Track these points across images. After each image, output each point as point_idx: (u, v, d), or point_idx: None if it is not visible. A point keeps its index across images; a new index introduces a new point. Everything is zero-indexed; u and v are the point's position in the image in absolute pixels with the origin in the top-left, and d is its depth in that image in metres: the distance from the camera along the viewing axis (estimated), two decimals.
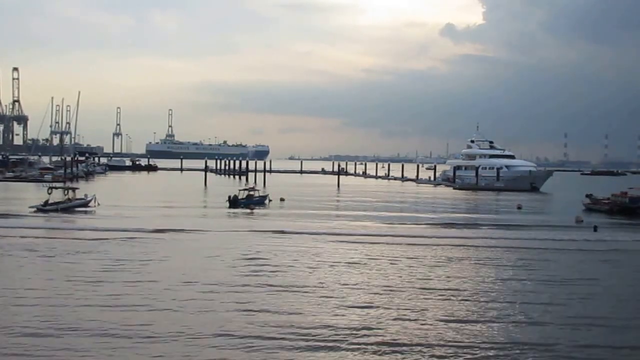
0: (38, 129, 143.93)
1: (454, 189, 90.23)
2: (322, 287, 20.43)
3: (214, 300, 18.25)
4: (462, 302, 18.85)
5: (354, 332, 15.40)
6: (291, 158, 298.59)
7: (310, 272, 22.90)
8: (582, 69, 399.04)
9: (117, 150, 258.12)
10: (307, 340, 14.65)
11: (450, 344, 14.74)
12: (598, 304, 19.36)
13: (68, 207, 43.79)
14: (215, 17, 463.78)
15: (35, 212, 41.57)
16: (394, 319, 16.66)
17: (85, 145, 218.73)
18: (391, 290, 20.08)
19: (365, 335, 15.19)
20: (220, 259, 25.38)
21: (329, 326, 15.77)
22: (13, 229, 32.97)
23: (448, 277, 22.73)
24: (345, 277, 22.11)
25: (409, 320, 16.63)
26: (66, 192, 47.15)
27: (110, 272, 22.21)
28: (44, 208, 42.46)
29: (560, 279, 23.10)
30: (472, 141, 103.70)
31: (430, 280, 21.97)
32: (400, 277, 22.50)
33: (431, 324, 16.30)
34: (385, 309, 17.66)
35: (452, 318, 16.95)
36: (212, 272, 22.76)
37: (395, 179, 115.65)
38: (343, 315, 16.93)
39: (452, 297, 19.38)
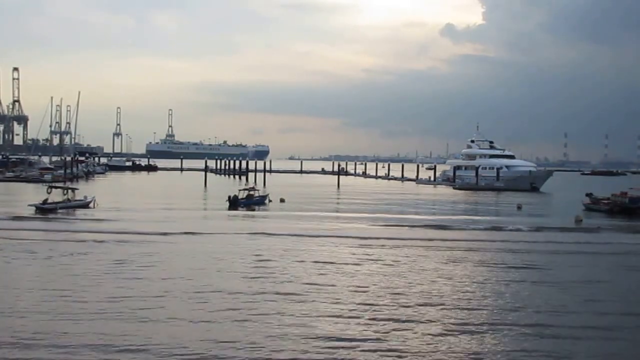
0: (38, 129, 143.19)
1: (454, 189, 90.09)
2: (323, 291, 19.94)
3: (210, 308, 17.73)
4: (468, 307, 18.33)
5: (356, 340, 14.94)
6: (291, 158, 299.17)
7: (310, 276, 22.40)
8: (582, 69, 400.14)
9: (117, 150, 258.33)
10: (306, 352, 14.22)
11: (459, 354, 14.25)
12: (611, 310, 18.77)
13: (67, 207, 43.67)
14: (215, 17, 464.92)
15: (35, 211, 41.29)
16: (399, 327, 16.16)
17: (85, 145, 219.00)
18: (395, 295, 19.60)
19: (368, 343, 14.73)
20: (218, 262, 24.94)
21: (331, 335, 15.31)
22: (10, 231, 32.63)
23: (452, 281, 22.26)
24: (347, 280, 21.68)
25: (415, 327, 16.15)
26: (65, 192, 47.02)
27: (106, 274, 21.77)
28: (43, 207, 42.27)
29: (568, 282, 22.62)
30: (472, 141, 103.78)
31: (434, 284, 21.52)
32: (404, 280, 22.02)
33: (438, 332, 15.81)
34: (389, 315, 17.19)
35: (458, 324, 16.44)
36: (210, 276, 22.27)
37: (395, 179, 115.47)
38: (345, 323, 16.42)
39: (458, 303, 18.89)
